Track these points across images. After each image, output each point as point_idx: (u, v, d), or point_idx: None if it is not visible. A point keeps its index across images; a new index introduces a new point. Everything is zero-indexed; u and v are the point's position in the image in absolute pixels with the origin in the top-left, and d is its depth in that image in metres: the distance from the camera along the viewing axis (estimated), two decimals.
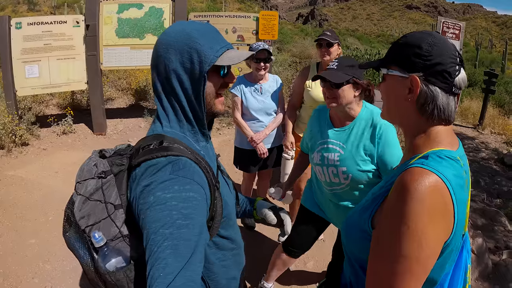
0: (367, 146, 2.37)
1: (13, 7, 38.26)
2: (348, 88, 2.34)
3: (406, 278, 1.05)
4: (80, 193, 1.24)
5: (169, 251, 1.02)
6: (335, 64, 2.36)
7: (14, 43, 6.70)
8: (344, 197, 2.56)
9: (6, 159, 6.17)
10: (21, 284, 3.57)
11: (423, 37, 1.18)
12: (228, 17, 7.62)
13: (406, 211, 1.04)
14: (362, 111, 2.45)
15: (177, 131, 1.30)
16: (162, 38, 1.28)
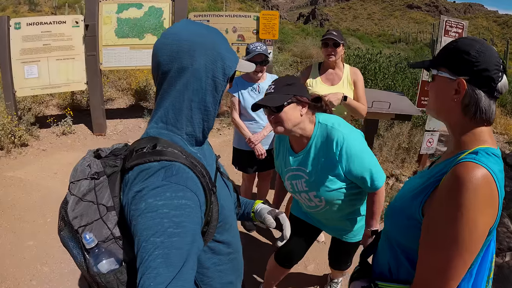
0: (331, 166, 2.26)
1: (14, 7, 38.26)
2: (291, 109, 2.17)
3: (456, 263, 1.20)
4: (73, 193, 1.23)
5: (160, 260, 1.00)
6: (272, 87, 2.20)
7: (13, 44, 6.67)
8: (327, 214, 2.55)
9: (5, 160, 6.14)
10: (19, 286, 3.55)
11: (472, 44, 1.29)
12: (228, 17, 7.59)
13: (461, 200, 1.16)
14: (315, 128, 2.30)
15: (174, 133, 1.26)
16: (187, 35, 1.23)
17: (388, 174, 5.92)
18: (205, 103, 1.27)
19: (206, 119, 1.29)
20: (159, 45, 1.24)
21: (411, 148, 6.53)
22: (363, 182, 2.29)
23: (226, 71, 1.28)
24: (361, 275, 1.73)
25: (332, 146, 2.21)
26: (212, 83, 1.26)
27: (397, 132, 6.67)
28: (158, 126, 1.27)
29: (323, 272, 3.75)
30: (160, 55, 1.23)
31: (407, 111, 4.59)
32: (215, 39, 1.27)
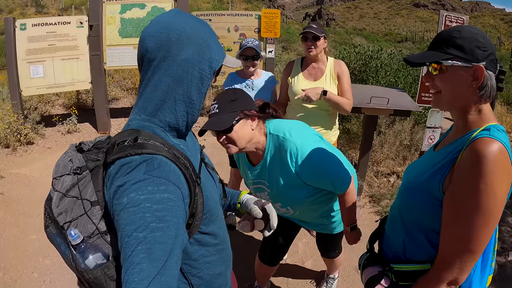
0: (287, 176, 2.20)
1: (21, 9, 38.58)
2: (241, 126, 2.03)
3: (483, 230, 1.30)
4: (57, 189, 1.21)
5: (143, 255, 1.00)
6: (215, 107, 2.00)
7: (19, 44, 6.79)
8: (302, 216, 2.61)
9: (11, 158, 6.26)
10: (21, 278, 3.64)
11: (476, 32, 1.38)
12: (230, 16, 7.66)
13: (483, 172, 1.26)
14: (268, 140, 2.21)
15: (156, 125, 1.24)
16: (176, 24, 1.20)
17: (389, 172, 5.93)
18: (190, 95, 1.24)
19: (190, 112, 1.27)
20: (147, 32, 1.21)
21: (413, 145, 6.53)
22: (327, 187, 2.27)
23: (213, 64, 1.26)
24: (372, 261, 1.77)
25: (286, 158, 2.15)
26: (198, 76, 1.24)
27: (398, 129, 6.67)
28: (140, 118, 1.25)
29: (321, 268, 3.78)
30: (148, 42, 1.20)
31: (406, 107, 4.58)
32: (205, 32, 1.25)
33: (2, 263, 3.83)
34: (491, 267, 1.55)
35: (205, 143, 7.04)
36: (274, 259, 2.93)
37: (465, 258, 1.34)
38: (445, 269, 1.38)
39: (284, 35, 20.61)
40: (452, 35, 1.40)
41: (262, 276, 3.19)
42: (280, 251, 2.91)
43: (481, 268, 1.51)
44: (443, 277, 1.39)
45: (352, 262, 3.78)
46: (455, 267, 1.36)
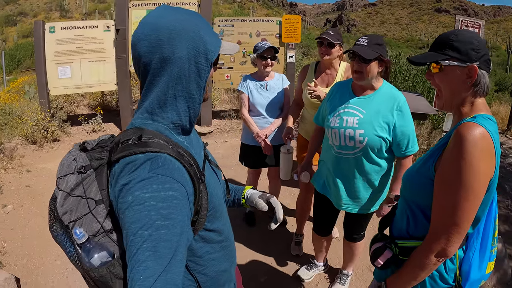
0: (386, 115, 2.54)
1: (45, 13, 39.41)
2: (374, 64, 2.51)
3: (464, 205, 1.44)
4: (61, 189, 1.21)
5: (149, 253, 1.00)
6: (365, 41, 2.51)
7: (48, 46, 7.12)
8: (351, 167, 2.70)
9: (37, 153, 6.54)
10: (44, 265, 3.84)
11: (471, 35, 1.55)
12: (252, 21, 7.83)
13: (463, 151, 1.41)
14: (384, 85, 2.64)
15: (159, 123, 1.24)
16: (165, 23, 1.18)
17: None
18: (190, 90, 1.24)
19: (192, 107, 1.27)
20: (137, 36, 1.19)
21: None
22: (403, 141, 2.58)
23: (209, 56, 1.25)
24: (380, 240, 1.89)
25: (395, 101, 2.56)
26: (196, 70, 1.23)
27: (416, 133, 6.72)
28: (143, 117, 1.24)
29: (335, 265, 3.86)
30: (140, 47, 1.18)
31: (423, 110, 4.60)
32: (196, 24, 1.23)
33: (26, 250, 4.05)
34: (491, 253, 1.68)
35: (226, 144, 7.24)
36: (323, 230, 3.30)
37: (450, 229, 1.48)
38: (434, 240, 1.53)
39: (304, 41, 20.71)
40: (450, 38, 1.57)
41: (318, 249, 3.56)
42: (330, 221, 3.24)
43: (480, 252, 1.64)
44: (432, 248, 1.53)
45: (366, 261, 3.84)
46: (442, 238, 1.50)
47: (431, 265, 1.56)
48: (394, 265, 1.75)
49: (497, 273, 3.77)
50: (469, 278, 1.63)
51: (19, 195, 5.15)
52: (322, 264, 3.68)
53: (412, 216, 1.73)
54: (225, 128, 8.02)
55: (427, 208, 1.63)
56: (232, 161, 6.37)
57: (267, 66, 3.92)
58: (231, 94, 9.70)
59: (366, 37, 2.56)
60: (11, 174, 5.69)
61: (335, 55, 3.40)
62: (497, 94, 20.44)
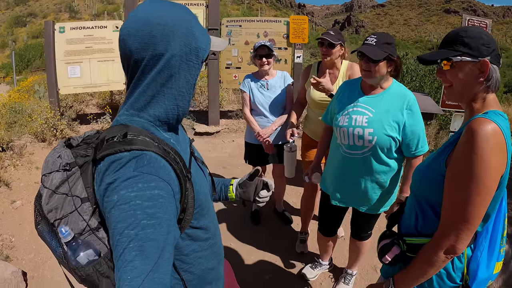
0: (396, 114, 2.51)
1: (55, 14, 39.70)
2: (383, 64, 2.48)
3: (475, 201, 1.44)
4: (46, 186, 1.19)
5: (135, 252, 0.99)
6: (374, 40, 2.48)
7: (57, 46, 7.19)
8: (359, 167, 2.67)
9: (46, 151, 6.56)
10: (51, 259, 3.87)
11: (480, 31, 1.56)
12: (259, 22, 7.87)
13: (475, 146, 1.42)
14: (393, 84, 2.62)
15: (145, 119, 1.21)
16: (157, 18, 1.14)
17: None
18: (179, 88, 1.22)
19: (181, 105, 1.25)
20: (127, 31, 1.15)
21: None
22: (412, 140, 2.55)
23: (199, 54, 1.23)
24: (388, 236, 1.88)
25: (405, 100, 2.54)
26: (186, 67, 1.21)
27: None
28: (129, 113, 1.21)
29: (340, 265, 3.85)
30: (131, 43, 1.14)
31: (429, 109, 4.63)
32: (188, 20, 1.20)
33: (34, 245, 4.09)
34: (499, 253, 1.68)
35: (233, 144, 7.28)
36: (329, 231, 3.28)
37: (460, 226, 1.47)
38: (443, 236, 1.53)
39: (312, 42, 20.65)
40: (460, 35, 1.58)
41: (323, 249, 3.54)
42: (336, 223, 3.22)
43: (488, 252, 1.64)
44: (441, 244, 1.53)
45: (371, 261, 3.86)
46: (452, 234, 1.49)
47: (440, 262, 1.56)
48: (401, 262, 1.75)
49: (503, 275, 3.72)
50: (477, 277, 1.63)
51: (28, 191, 5.21)
52: (327, 263, 3.68)
53: (421, 213, 1.73)
54: (233, 128, 8.06)
55: (436, 204, 1.64)
56: (239, 160, 6.40)
57: (264, 65, 3.90)
58: (238, 94, 9.72)
59: (374, 35, 2.53)
60: (20, 171, 5.74)
61: (336, 55, 3.40)
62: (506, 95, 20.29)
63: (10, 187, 5.23)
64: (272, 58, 3.92)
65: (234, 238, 4.26)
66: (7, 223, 4.48)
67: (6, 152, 6.03)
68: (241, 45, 7.82)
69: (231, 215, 4.68)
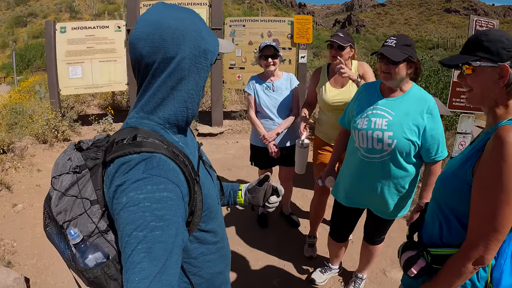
0: (416, 117, 2.46)
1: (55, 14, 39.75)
2: (403, 66, 2.44)
3: (505, 210, 1.39)
4: (56, 188, 1.20)
5: (144, 254, 0.99)
6: (393, 42, 2.44)
7: (58, 46, 7.14)
8: (377, 171, 2.62)
9: (48, 152, 6.52)
10: (54, 265, 3.80)
11: (501, 34, 1.52)
12: (263, 22, 7.78)
13: (504, 153, 1.37)
14: (413, 87, 2.57)
15: (155, 122, 1.22)
16: (167, 22, 1.15)
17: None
18: (189, 90, 1.22)
19: (190, 107, 1.25)
20: (138, 35, 1.16)
21: None
22: (432, 145, 2.50)
23: (208, 56, 1.24)
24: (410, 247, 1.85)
25: (425, 104, 2.48)
26: (196, 70, 1.22)
27: None
28: (139, 116, 1.22)
29: (349, 268, 3.80)
30: (142, 47, 1.15)
31: None
32: (197, 23, 1.21)
33: (36, 250, 4.01)
34: None
35: (238, 145, 7.20)
36: (341, 237, 3.23)
37: (489, 236, 1.43)
38: (471, 247, 1.48)
39: (314, 41, 20.65)
40: (480, 38, 1.54)
41: (334, 254, 3.49)
42: (348, 230, 3.18)
43: (511, 259, 1.58)
44: (469, 255, 1.48)
45: (380, 265, 3.81)
46: (481, 245, 1.45)
47: (468, 273, 1.52)
48: (426, 274, 1.70)
49: None
50: (500, 285, 1.57)
51: (29, 194, 5.13)
52: (337, 267, 3.63)
53: (445, 222, 1.69)
54: (236, 129, 7.98)
55: (462, 213, 1.59)
56: (243, 162, 6.32)
57: (269, 66, 3.82)
58: (242, 94, 9.66)
59: (394, 37, 2.48)
60: (21, 173, 5.66)
61: (346, 57, 3.37)
62: None
63: (11, 190, 5.15)
64: (278, 58, 3.84)
65: (241, 242, 4.20)
66: (9, 227, 4.40)
67: (7, 154, 5.95)
68: (244, 45, 7.73)
69: (237, 219, 4.61)
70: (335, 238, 3.24)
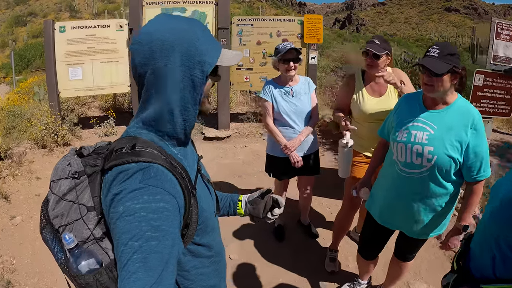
0: (459, 132, 2.32)
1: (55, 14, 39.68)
2: (447, 78, 2.27)
3: None
4: (54, 192, 1.21)
5: (139, 264, 0.99)
6: (436, 51, 2.28)
7: (58, 46, 6.83)
8: (414, 187, 2.49)
9: (47, 158, 6.24)
10: (56, 284, 3.57)
11: None
12: (272, 21, 7.49)
13: None
14: (458, 99, 2.41)
15: (154, 133, 1.24)
16: (158, 34, 1.17)
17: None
18: (185, 103, 1.23)
19: (187, 119, 1.26)
20: (133, 46, 1.20)
21: None
22: (475, 163, 2.34)
23: (204, 68, 1.22)
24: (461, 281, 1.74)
25: (470, 118, 2.33)
26: (190, 82, 1.21)
27: None
28: (139, 126, 1.24)
29: (373, 282, 3.64)
30: (135, 57, 1.19)
31: None
32: (192, 33, 1.20)
33: (37, 267, 3.76)
34: None
35: (246, 150, 6.92)
36: (370, 254, 3.12)
37: None
38: None
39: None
40: None
41: (363, 270, 3.38)
42: (377, 248, 3.05)
43: None
44: None
45: (404, 278, 3.61)
46: None
47: None
48: None
49: None
50: None
51: (28, 205, 4.85)
52: (366, 282, 3.51)
53: (500, 255, 1.54)
54: (244, 132, 7.66)
55: None
56: (254, 168, 6.06)
57: (290, 70, 3.55)
58: (247, 95, 9.36)
59: (437, 46, 2.31)
60: (19, 182, 5.38)
61: (382, 65, 3.15)
62: None
63: (9, 200, 4.87)
64: (299, 62, 3.58)
65: (258, 257, 3.97)
66: (7, 242, 4.13)
67: (4, 160, 5.66)
68: (252, 45, 7.45)
69: (252, 231, 4.37)
70: (364, 255, 3.13)
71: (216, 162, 6.27)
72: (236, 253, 3.96)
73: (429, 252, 3.99)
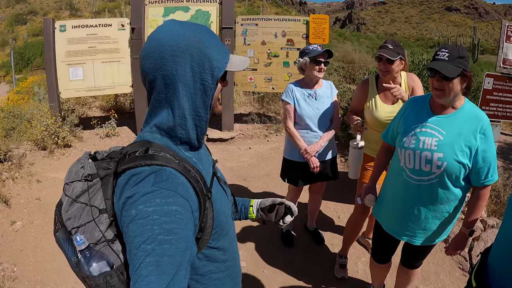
0: (469, 138, 2.29)
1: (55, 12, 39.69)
2: (457, 81, 2.22)
3: None
4: (67, 195, 1.22)
5: (152, 267, 0.98)
6: (445, 54, 2.22)
7: (58, 46, 6.69)
8: (423, 194, 2.45)
9: (48, 161, 6.12)
10: None
11: None
12: (277, 21, 7.38)
13: None
14: (466, 104, 2.38)
15: (167, 137, 1.25)
16: (168, 40, 1.18)
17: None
18: (196, 108, 1.24)
19: (198, 125, 1.27)
20: (144, 51, 1.21)
21: None
22: (483, 168, 2.31)
23: (214, 73, 1.23)
24: None
25: (479, 123, 2.29)
26: (201, 87, 1.22)
27: None
28: (152, 130, 1.25)
29: None
30: (145, 64, 1.20)
31: None
32: (201, 40, 1.21)
33: (39, 275, 3.64)
34: None
35: (251, 152, 6.82)
36: (383, 258, 3.04)
37: None
38: None
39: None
40: None
41: (376, 276, 3.32)
42: (387, 252, 2.99)
43: None
44: None
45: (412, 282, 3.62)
46: None
47: None
48: None
49: None
50: None
51: (29, 210, 4.72)
52: None
53: None
54: (248, 134, 7.54)
55: None
56: (260, 171, 5.94)
57: (321, 72, 3.49)
58: (250, 95, 9.23)
59: (446, 49, 2.26)
60: (19, 185, 5.25)
61: (396, 70, 3.09)
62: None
63: (9, 204, 4.74)
64: (327, 65, 3.53)
65: (266, 263, 3.89)
66: (8, 248, 4.00)
67: (3, 163, 5.53)
68: (257, 45, 7.34)
69: (260, 237, 4.28)
70: (377, 259, 3.07)
71: (221, 165, 6.15)
72: (245, 260, 3.88)
73: (436, 256, 3.96)
